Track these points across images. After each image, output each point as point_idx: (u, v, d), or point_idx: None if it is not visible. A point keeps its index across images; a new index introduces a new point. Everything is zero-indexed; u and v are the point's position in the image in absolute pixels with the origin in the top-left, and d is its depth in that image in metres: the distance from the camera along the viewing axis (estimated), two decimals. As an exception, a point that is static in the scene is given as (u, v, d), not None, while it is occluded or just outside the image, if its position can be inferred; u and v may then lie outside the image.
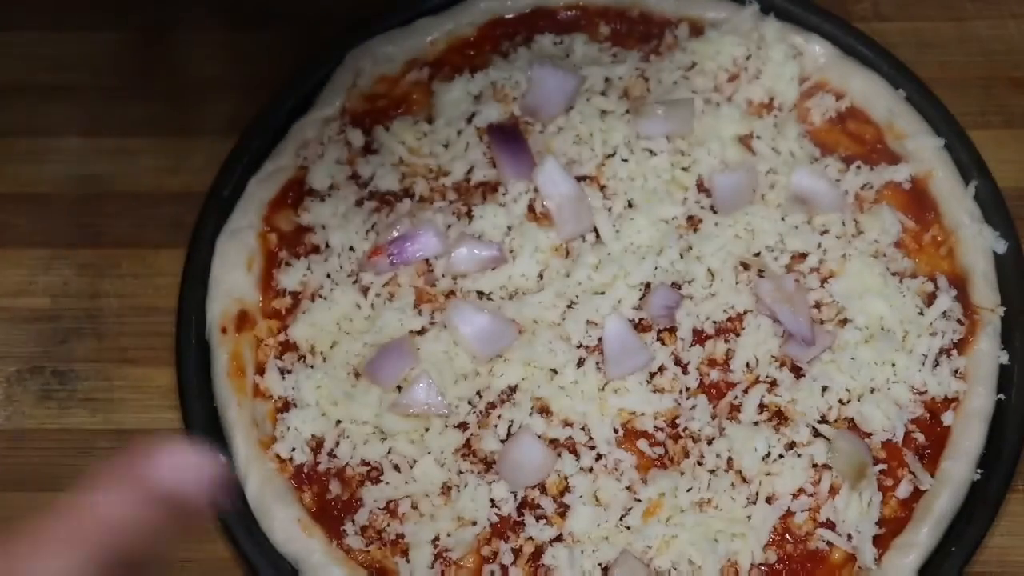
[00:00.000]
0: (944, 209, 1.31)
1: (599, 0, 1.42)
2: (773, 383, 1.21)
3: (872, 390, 1.21)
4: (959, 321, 1.25)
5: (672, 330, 1.23)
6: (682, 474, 1.16)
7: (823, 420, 1.19)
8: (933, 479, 1.18)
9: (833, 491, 1.16)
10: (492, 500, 1.16)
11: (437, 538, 1.15)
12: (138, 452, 0.73)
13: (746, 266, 1.26)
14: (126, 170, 1.39)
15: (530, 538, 1.15)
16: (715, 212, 1.29)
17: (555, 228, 1.27)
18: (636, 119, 1.31)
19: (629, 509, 1.15)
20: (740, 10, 1.39)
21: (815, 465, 1.17)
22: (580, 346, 1.22)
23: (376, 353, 1.20)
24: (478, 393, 1.20)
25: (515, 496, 1.16)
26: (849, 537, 1.15)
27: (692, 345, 1.23)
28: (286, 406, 1.21)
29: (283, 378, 1.22)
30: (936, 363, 1.23)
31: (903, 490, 1.18)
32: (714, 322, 1.24)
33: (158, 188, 1.38)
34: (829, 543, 1.15)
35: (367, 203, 1.30)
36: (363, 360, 1.21)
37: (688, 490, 1.15)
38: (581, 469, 1.17)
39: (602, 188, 1.30)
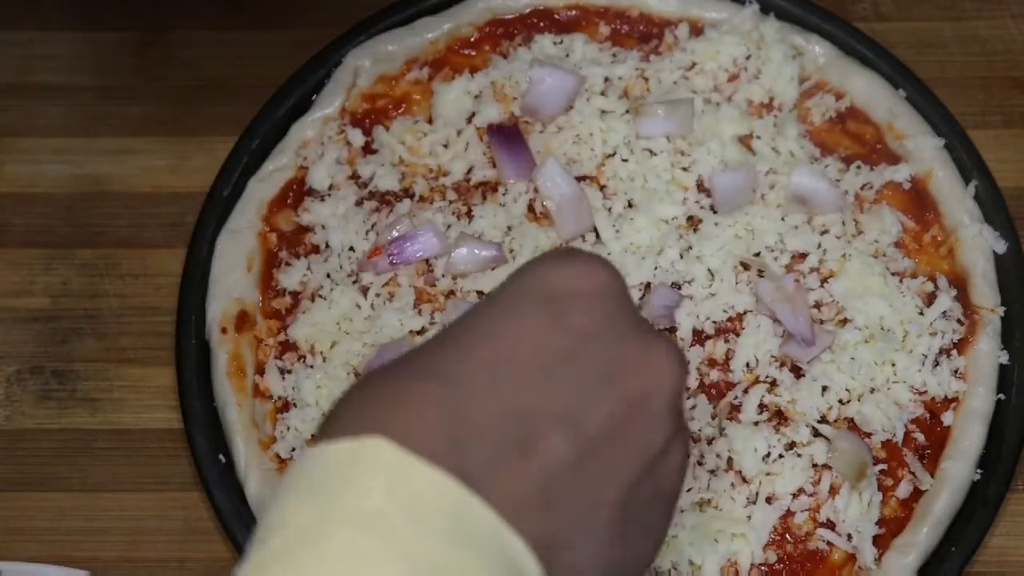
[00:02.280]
0: (944, 209, 1.30)
1: (599, 0, 1.42)
2: (773, 383, 1.21)
3: (872, 390, 1.20)
4: (959, 321, 1.25)
5: (672, 330, 1.23)
6: (682, 474, 1.16)
7: (823, 420, 1.19)
8: (933, 479, 1.18)
9: (833, 491, 1.16)
10: (492, 500, 1.15)
11: (437, 538, 1.14)
12: None
13: (746, 266, 1.26)
14: (126, 170, 1.39)
15: (530, 538, 1.14)
16: (715, 212, 1.29)
17: (555, 228, 1.27)
18: (636, 119, 1.31)
19: (629, 509, 1.15)
20: (740, 10, 1.39)
21: (815, 465, 1.17)
22: (580, 346, 1.21)
23: (376, 353, 1.20)
24: (478, 393, 1.20)
25: (515, 496, 1.16)
26: (849, 537, 1.15)
27: (692, 345, 1.23)
28: (286, 406, 1.21)
29: (283, 378, 1.22)
30: (936, 363, 1.23)
31: (903, 490, 1.18)
32: (714, 322, 1.24)
33: (158, 188, 1.38)
34: (829, 543, 1.15)
35: (367, 203, 1.30)
36: (363, 360, 1.21)
37: (688, 490, 1.15)
38: (581, 469, 1.17)
39: (602, 188, 1.30)
